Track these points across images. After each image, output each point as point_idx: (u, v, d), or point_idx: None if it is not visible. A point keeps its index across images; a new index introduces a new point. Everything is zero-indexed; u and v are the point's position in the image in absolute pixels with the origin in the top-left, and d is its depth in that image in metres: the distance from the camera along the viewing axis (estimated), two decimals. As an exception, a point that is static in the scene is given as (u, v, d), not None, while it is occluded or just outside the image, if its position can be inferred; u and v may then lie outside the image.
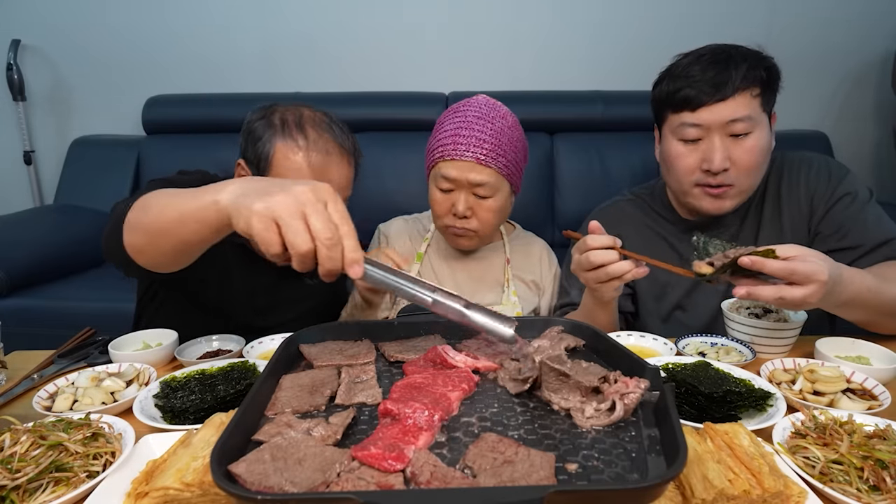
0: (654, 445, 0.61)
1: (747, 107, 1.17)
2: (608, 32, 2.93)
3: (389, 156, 2.72)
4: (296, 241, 0.67)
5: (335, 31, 2.96)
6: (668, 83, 1.23)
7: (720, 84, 1.16)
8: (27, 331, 2.09)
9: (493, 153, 1.29)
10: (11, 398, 0.98)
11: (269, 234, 0.68)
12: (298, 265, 0.69)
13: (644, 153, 2.73)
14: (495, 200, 1.33)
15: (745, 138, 1.18)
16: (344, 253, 0.69)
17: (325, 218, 0.68)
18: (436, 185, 1.34)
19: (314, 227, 0.67)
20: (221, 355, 1.10)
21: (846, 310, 1.07)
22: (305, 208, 0.68)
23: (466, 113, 1.32)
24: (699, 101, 1.18)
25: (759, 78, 1.18)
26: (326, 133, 1.22)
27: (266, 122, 1.22)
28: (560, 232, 2.76)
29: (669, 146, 1.26)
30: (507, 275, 1.44)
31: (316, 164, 1.20)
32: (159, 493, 0.62)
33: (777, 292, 0.92)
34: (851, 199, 1.24)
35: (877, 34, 2.89)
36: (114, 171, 2.81)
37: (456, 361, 0.80)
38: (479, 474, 0.55)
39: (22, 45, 2.95)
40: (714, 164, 1.18)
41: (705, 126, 1.18)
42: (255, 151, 1.22)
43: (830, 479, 0.66)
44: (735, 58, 1.18)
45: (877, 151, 3.08)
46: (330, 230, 0.68)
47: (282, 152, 1.20)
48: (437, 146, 1.32)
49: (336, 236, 0.68)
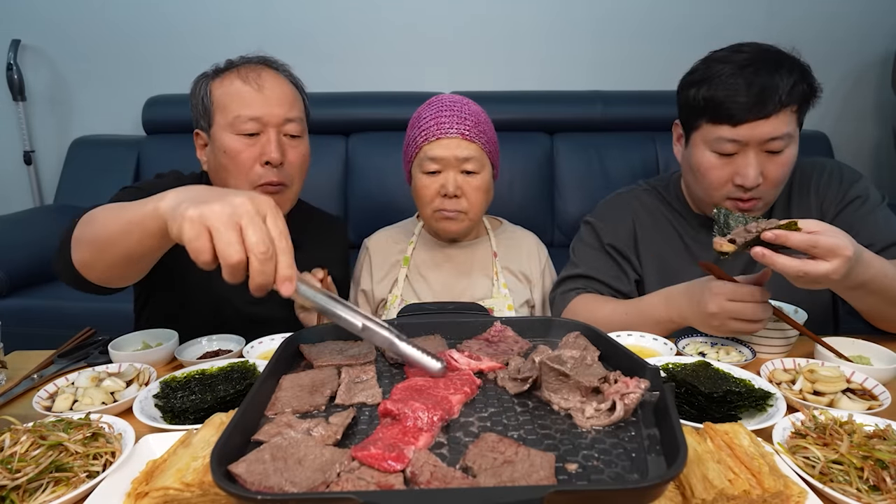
0: (654, 445, 0.61)
1: (787, 124, 1.14)
2: (608, 32, 2.93)
3: (389, 156, 2.73)
4: (226, 251, 0.65)
5: (335, 32, 2.96)
6: (707, 89, 1.17)
7: (765, 101, 1.11)
8: (27, 331, 2.09)
9: (476, 129, 1.33)
10: (11, 398, 0.98)
11: (199, 241, 0.66)
12: (228, 276, 0.67)
13: (644, 153, 2.74)
14: (482, 177, 1.35)
15: (780, 154, 1.16)
16: (277, 269, 0.67)
17: (261, 231, 0.66)
18: (421, 170, 1.35)
19: (248, 240, 0.65)
20: (221, 355, 1.10)
21: (861, 294, 1.04)
22: (242, 219, 0.66)
23: (442, 101, 1.37)
24: (740, 118, 1.13)
25: (803, 94, 1.14)
26: (257, 62, 1.28)
27: (198, 80, 1.29)
28: (560, 232, 2.76)
29: (701, 156, 1.22)
30: (495, 268, 1.45)
31: (251, 78, 1.23)
32: (159, 493, 0.62)
33: (801, 266, 0.89)
34: (862, 202, 1.24)
35: (877, 34, 2.90)
36: (114, 171, 2.82)
37: (459, 364, 0.80)
38: (479, 474, 0.55)
39: (22, 45, 2.95)
40: (748, 181, 1.15)
41: (743, 142, 1.15)
42: (201, 109, 1.27)
43: (830, 479, 0.66)
44: (781, 71, 1.13)
45: (877, 151, 3.08)
46: (265, 244, 0.66)
47: (219, 88, 1.25)
48: (420, 132, 1.35)
49: (270, 251, 0.66)
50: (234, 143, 1.22)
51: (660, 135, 2.71)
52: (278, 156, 1.22)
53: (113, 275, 0.96)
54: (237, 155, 1.22)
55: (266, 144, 1.22)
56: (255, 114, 1.21)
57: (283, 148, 1.24)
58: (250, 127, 1.21)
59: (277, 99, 1.23)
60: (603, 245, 1.39)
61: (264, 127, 1.22)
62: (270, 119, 1.22)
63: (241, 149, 1.22)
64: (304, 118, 1.32)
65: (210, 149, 1.28)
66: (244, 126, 1.21)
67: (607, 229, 1.39)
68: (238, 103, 1.22)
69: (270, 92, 1.23)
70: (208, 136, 1.28)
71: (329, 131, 2.83)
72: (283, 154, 1.24)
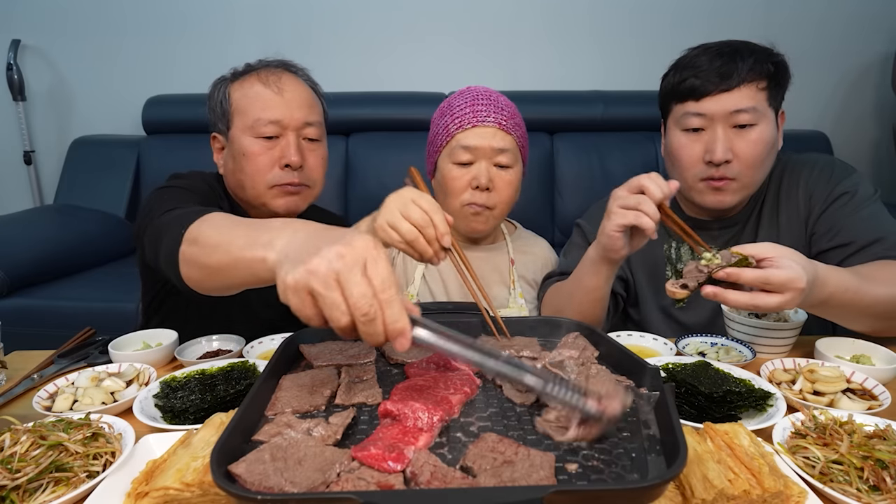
0: (654, 445, 0.61)
1: (752, 99, 1.16)
2: (608, 32, 2.93)
3: (389, 156, 2.73)
4: (332, 315, 0.59)
5: (335, 31, 2.96)
6: (675, 74, 1.23)
7: (726, 74, 1.15)
8: (27, 331, 2.09)
9: (512, 121, 1.30)
10: (11, 398, 0.98)
11: (305, 310, 0.60)
12: (343, 335, 0.61)
13: (644, 153, 2.74)
14: (514, 173, 1.31)
15: (749, 130, 1.17)
16: (385, 324, 0.59)
17: (361, 287, 0.58)
18: (452, 160, 1.30)
19: (350, 300, 0.58)
20: (221, 355, 1.10)
21: (823, 310, 1.03)
22: (340, 276, 0.58)
23: (476, 90, 1.33)
24: (704, 91, 1.17)
25: (767, 71, 1.17)
26: (277, 65, 1.29)
27: (217, 84, 1.30)
28: (560, 232, 2.76)
29: (673, 137, 1.25)
30: (512, 276, 1.42)
31: (272, 81, 1.24)
32: (159, 493, 0.62)
33: (751, 300, 0.88)
34: (849, 198, 1.22)
35: (876, 34, 2.89)
36: (114, 171, 2.82)
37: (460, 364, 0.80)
38: (480, 474, 0.55)
39: (22, 45, 2.95)
40: (716, 155, 1.16)
41: (709, 116, 1.17)
42: (219, 112, 1.27)
43: (830, 479, 0.66)
44: (742, 51, 1.17)
45: (877, 151, 3.08)
46: (366, 303, 0.58)
47: (238, 91, 1.26)
48: (454, 119, 1.30)
49: (373, 310, 0.58)
50: (253, 145, 1.22)
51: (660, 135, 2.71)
52: (298, 159, 1.22)
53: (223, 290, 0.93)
54: (256, 157, 1.22)
55: (286, 147, 1.23)
56: (275, 117, 1.22)
57: (303, 151, 1.25)
58: (270, 130, 1.22)
59: (297, 102, 1.24)
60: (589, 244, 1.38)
61: (284, 130, 1.23)
62: (290, 122, 1.23)
63: (259, 151, 1.22)
64: (323, 122, 1.33)
65: (227, 151, 1.29)
66: (264, 129, 1.22)
67: (594, 230, 1.38)
68: (258, 106, 1.22)
69: (290, 95, 1.24)
70: (226, 139, 1.28)
71: (329, 131, 2.77)
72: (303, 157, 1.24)
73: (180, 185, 1.23)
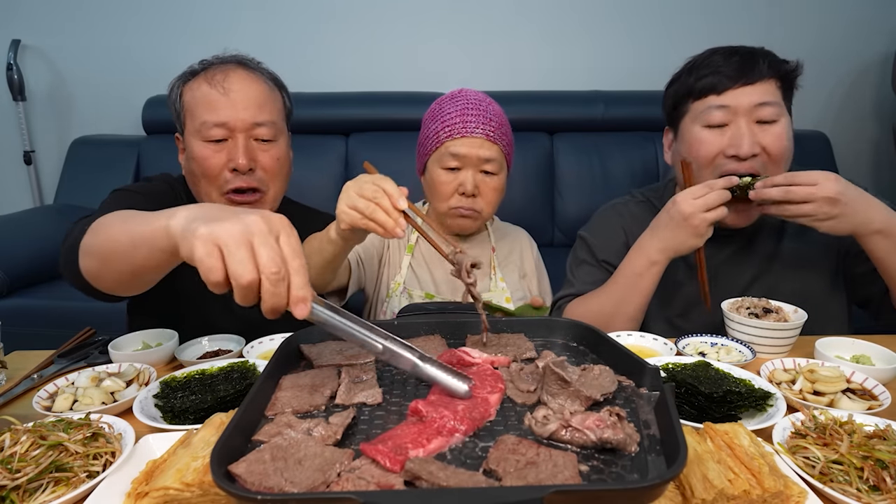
0: (654, 445, 0.61)
1: (774, 94, 1.15)
2: (608, 32, 2.94)
3: (388, 156, 2.72)
4: (237, 270, 0.62)
5: (334, 31, 2.96)
6: (690, 74, 1.21)
7: (747, 69, 1.15)
8: (27, 331, 2.09)
9: (499, 132, 1.35)
10: (11, 398, 0.98)
11: (210, 260, 0.63)
12: (240, 298, 0.64)
13: (644, 153, 2.74)
14: (499, 179, 1.38)
15: (774, 125, 1.15)
16: (290, 290, 0.64)
17: (273, 250, 0.63)
18: (441, 165, 1.36)
19: (260, 259, 0.62)
20: (221, 355, 1.10)
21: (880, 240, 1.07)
22: (254, 238, 0.63)
23: (466, 97, 1.37)
24: (725, 85, 1.16)
25: (783, 71, 1.17)
26: (228, 61, 1.26)
27: (172, 84, 1.27)
28: (560, 232, 2.76)
29: (691, 134, 1.22)
30: (493, 262, 1.49)
31: (217, 80, 1.20)
32: (159, 493, 0.62)
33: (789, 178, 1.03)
34: None
35: (876, 34, 2.90)
36: (114, 171, 2.81)
37: (475, 360, 0.80)
38: (505, 477, 0.55)
39: (22, 45, 2.95)
40: (743, 149, 1.14)
41: (732, 109, 1.15)
42: (174, 114, 1.26)
43: (830, 479, 0.66)
44: (757, 52, 1.18)
45: (876, 151, 3.08)
46: (276, 264, 0.62)
47: (188, 93, 1.23)
48: (444, 127, 1.34)
49: (283, 271, 0.63)
50: (202, 149, 1.20)
51: (660, 135, 2.68)
52: (245, 162, 1.18)
53: (119, 286, 0.94)
54: (205, 161, 1.20)
55: (233, 150, 1.19)
56: (221, 119, 1.18)
57: (253, 153, 1.21)
58: (217, 133, 1.19)
59: (245, 103, 1.20)
60: (598, 261, 1.39)
61: (231, 132, 1.19)
62: (237, 124, 1.19)
63: (208, 155, 1.19)
64: (282, 119, 1.28)
65: (186, 154, 1.26)
66: (210, 132, 1.18)
67: (600, 244, 1.40)
68: (203, 108, 1.19)
69: (238, 95, 1.20)
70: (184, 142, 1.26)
71: (329, 131, 2.83)
72: (254, 159, 1.20)
73: (133, 188, 1.23)
